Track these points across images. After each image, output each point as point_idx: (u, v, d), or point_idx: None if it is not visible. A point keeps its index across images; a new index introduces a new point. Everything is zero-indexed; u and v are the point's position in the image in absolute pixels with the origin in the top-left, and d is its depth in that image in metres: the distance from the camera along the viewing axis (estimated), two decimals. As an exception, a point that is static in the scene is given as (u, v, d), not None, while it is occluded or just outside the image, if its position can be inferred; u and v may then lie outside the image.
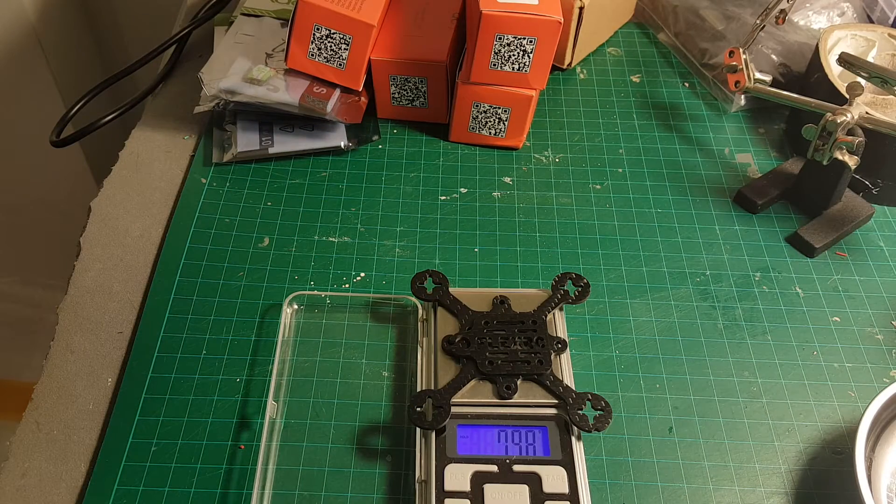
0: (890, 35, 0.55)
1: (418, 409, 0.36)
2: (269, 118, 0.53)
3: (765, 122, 0.56)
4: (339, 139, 0.52)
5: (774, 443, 0.39)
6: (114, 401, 0.40)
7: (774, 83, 0.55)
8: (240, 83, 0.51)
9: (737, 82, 0.52)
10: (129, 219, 0.49)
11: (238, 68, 0.52)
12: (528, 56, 0.48)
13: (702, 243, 0.48)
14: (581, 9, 0.55)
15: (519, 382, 0.37)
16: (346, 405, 0.40)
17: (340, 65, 0.50)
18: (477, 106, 0.51)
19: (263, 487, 0.36)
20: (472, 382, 0.37)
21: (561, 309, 0.40)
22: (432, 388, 0.37)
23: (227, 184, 0.51)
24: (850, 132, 0.46)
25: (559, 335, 0.39)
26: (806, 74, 0.55)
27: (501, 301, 0.40)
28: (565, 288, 0.41)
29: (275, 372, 0.40)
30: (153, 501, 0.36)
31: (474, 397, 0.37)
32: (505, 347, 0.38)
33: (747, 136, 0.55)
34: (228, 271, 0.46)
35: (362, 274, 0.46)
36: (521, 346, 0.38)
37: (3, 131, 0.84)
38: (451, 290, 0.41)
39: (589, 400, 0.36)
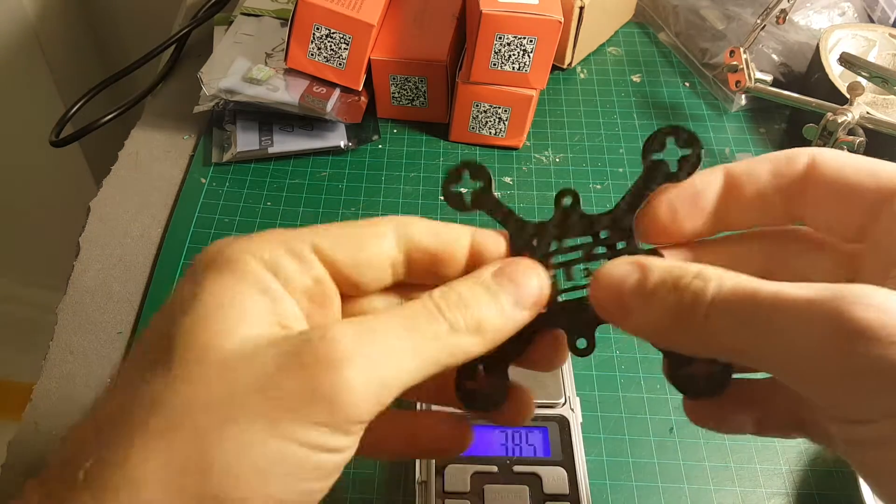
0: (891, 35, 0.55)
1: (467, 384, 0.25)
2: (268, 118, 0.53)
3: (766, 122, 0.56)
4: (338, 139, 0.52)
5: (776, 443, 0.39)
6: (113, 401, 0.40)
7: (775, 83, 0.55)
8: (239, 83, 0.51)
9: (737, 82, 0.52)
10: (129, 219, 0.49)
11: (238, 68, 0.52)
12: (529, 56, 0.48)
13: (702, 243, 0.48)
14: (581, 8, 0.55)
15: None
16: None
17: (340, 64, 0.50)
18: (477, 105, 0.51)
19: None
20: (537, 337, 0.25)
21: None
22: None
23: (227, 184, 0.51)
24: (851, 132, 0.46)
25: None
26: (807, 74, 0.55)
27: (570, 198, 0.26)
28: (662, 157, 0.25)
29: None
30: (152, 502, 0.36)
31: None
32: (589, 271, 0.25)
33: (748, 135, 0.55)
34: (228, 271, 0.46)
35: (362, 274, 0.46)
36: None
37: (2, 131, 0.84)
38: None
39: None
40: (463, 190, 0.26)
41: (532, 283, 0.24)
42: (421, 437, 0.27)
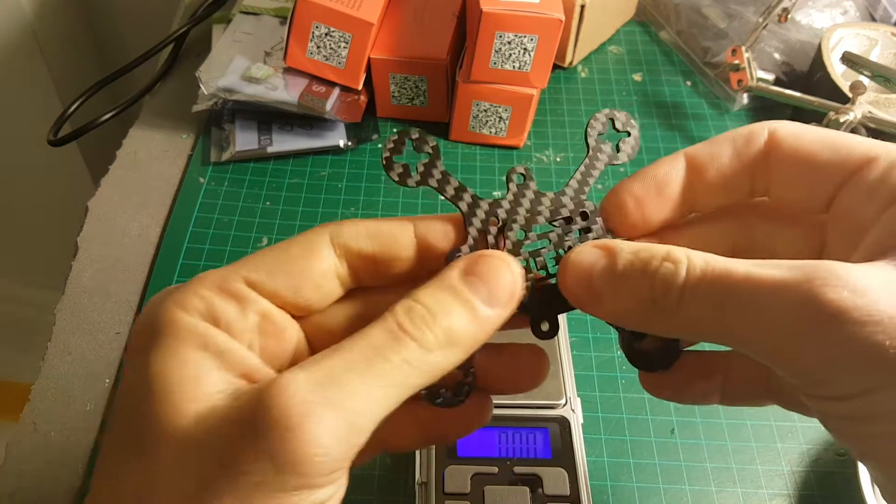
0: (893, 34, 0.55)
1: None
2: (267, 117, 0.52)
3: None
4: (338, 138, 0.52)
5: (777, 444, 0.39)
6: (111, 402, 0.40)
7: (777, 82, 0.55)
8: (238, 82, 0.51)
9: (739, 81, 0.52)
10: (127, 218, 0.48)
11: (236, 67, 0.52)
12: (529, 54, 0.48)
13: (704, 243, 0.48)
14: (582, 7, 0.54)
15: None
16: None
17: (340, 63, 0.50)
18: (477, 105, 0.51)
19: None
20: None
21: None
22: None
23: (226, 183, 0.50)
24: (854, 131, 0.46)
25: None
26: (808, 73, 0.55)
27: (521, 176, 0.26)
28: (604, 139, 0.25)
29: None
30: None
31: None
32: (549, 268, 0.24)
33: (749, 135, 0.55)
34: (227, 271, 0.45)
35: (362, 274, 0.46)
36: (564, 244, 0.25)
37: (0, 130, 0.83)
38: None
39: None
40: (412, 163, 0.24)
41: (505, 278, 0.22)
42: (438, 419, 0.25)
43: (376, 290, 0.24)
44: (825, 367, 0.19)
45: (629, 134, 0.25)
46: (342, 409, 0.19)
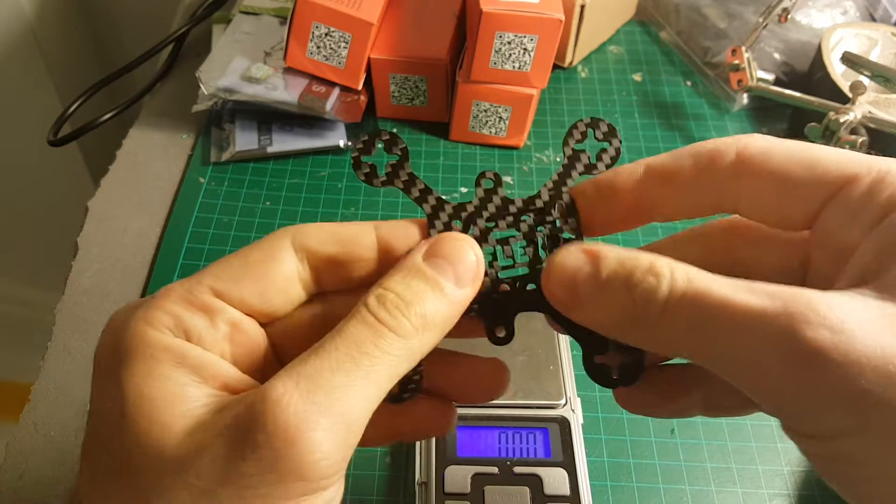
0: (893, 34, 0.55)
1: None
2: (267, 117, 0.52)
3: (767, 122, 0.56)
4: (338, 138, 0.52)
5: (777, 444, 0.39)
6: (111, 402, 0.40)
7: (777, 82, 0.55)
8: (238, 82, 0.51)
9: (739, 81, 0.52)
10: (127, 218, 0.48)
11: (236, 67, 0.52)
12: (529, 54, 0.48)
13: (704, 243, 0.48)
14: (582, 7, 0.54)
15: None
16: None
17: (340, 63, 0.50)
18: (477, 105, 0.51)
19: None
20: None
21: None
22: None
23: (226, 183, 0.50)
24: (854, 131, 0.46)
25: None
26: (809, 73, 0.55)
27: (491, 181, 0.25)
28: (583, 149, 0.25)
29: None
30: None
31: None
32: (516, 257, 0.25)
33: (749, 135, 0.55)
34: (227, 271, 0.45)
35: (362, 274, 0.46)
36: (535, 250, 0.25)
37: (0, 130, 0.83)
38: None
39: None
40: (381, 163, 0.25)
41: (469, 256, 0.23)
42: (398, 423, 0.25)
43: (339, 293, 0.24)
44: (802, 405, 0.18)
45: (610, 144, 0.25)
46: (336, 412, 0.19)
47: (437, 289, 0.22)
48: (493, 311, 0.24)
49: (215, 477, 0.18)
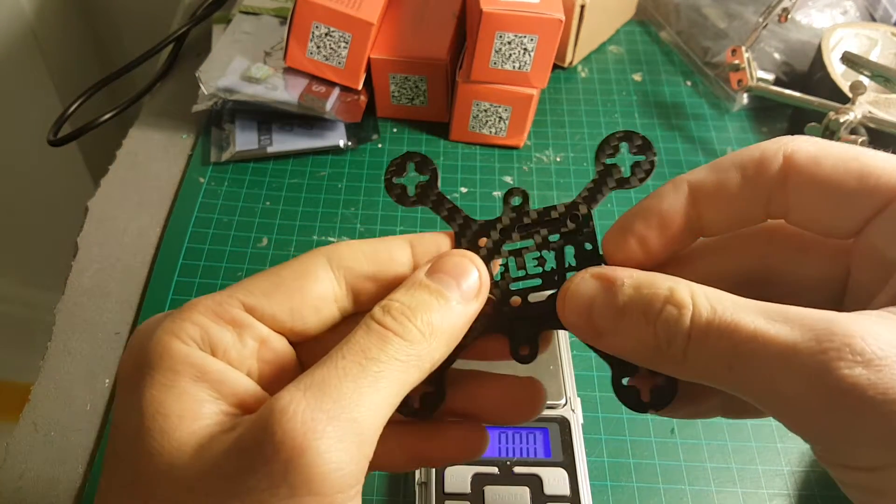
0: (893, 34, 0.55)
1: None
2: (267, 117, 0.52)
3: (767, 122, 0.56)
4: (338, 138, 0.52)
5: (777, 444, 0.39)
6: (111, 402, 0.40)
7: (777, 82, 0.55)
8: (238, 82, 0.51)
9: (739, 81, 0.52)
10: (127, 219, 0.48)
11: (236, 67, 0.52)
12: (529, 54, 0.48)
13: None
14: (582, 7, 0.54)
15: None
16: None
17: (340, 63, 0.50)
18: (477, 105, 0.51)
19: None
20: (481, 339, 0.24)
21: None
22: None
23: (226, 183, 0.50)
24: (854, 131, 0.46)
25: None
26: (808, 73, 0.55)
27: (517, 199, 0.25)
28: (615, 162, 0.24)
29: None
30: None
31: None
32: (539, 269, 0.24)
33: (750, 135, 0.55)
34: (227, 272, 0.45)
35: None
36: (556, 261, 0.24)
37: (0, 130, 0.83)
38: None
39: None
40: (409, 184, 0.25)
41: (471, 271, 0.22)
42: (427, 448, 0.25)
43: None
44: (836, 440, 0.18)
45: (644, 157, 0.24)
46: (345, 420, 0.18)
47: (441, 298, 0.22)
48: (515, 328, 0.24)
49: (226, 494, 0.18)
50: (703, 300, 0.19)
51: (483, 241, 0.24)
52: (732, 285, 0.21)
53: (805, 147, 0.21)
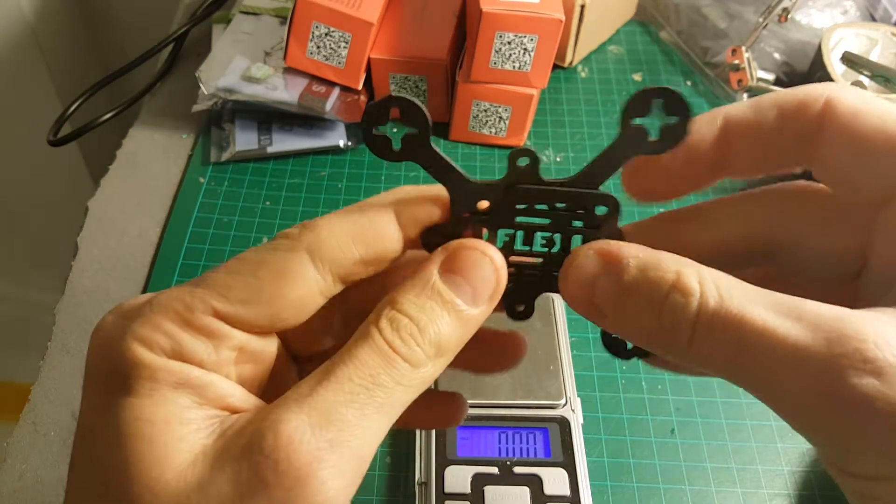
0: (893, 34, 0.55)
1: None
2: (267, 117, 0.52)
3: (767, 121, 0.56)
4: (338, 138, 0.52)
5: (777, 444, 0.39)
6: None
7: (777, 82, 0.55)
8: (238, 82, 0.51)
9: (739, 81, 0.52)
10: (127, 219, 0.48)
11: (236, 67, 0.52)
12: (529, 54, 0.48)
13: (704, 243, 0.48)
14: (582, 7, 0.54)
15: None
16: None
17: (340, 63, 0.50)
18: (477, 105, 0.51)
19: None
20: None
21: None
22: None
23: (226, 183, 0.50)
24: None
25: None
26: (808, 73, 0.55)
27: (526, 161, 0.22)
28: (642, 125, 0.21)
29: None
30: None
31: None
32: (546, 245, 0.23)
33: (749, 135, 0.55)
34: (227, 271, 0.45)
35: (362, 274, 0.46)
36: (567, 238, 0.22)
37: (0, 130, 0.83)
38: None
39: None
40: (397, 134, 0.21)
41: (487, 272, 0.21)
42: (412, 414, 0.24)
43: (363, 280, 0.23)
44: (842, 447, 0.18)
45: (678, 120, 0.20)
46: (349, 447, 0.18)
47: (453, 311, 0.20)
48: (515, 290, 0.23)
49: None
50: (711, 287, 0.18)
51: (483, 205, 0.22)
52: (745, 249, 0.20)
53: (847, 97, 0.19)
